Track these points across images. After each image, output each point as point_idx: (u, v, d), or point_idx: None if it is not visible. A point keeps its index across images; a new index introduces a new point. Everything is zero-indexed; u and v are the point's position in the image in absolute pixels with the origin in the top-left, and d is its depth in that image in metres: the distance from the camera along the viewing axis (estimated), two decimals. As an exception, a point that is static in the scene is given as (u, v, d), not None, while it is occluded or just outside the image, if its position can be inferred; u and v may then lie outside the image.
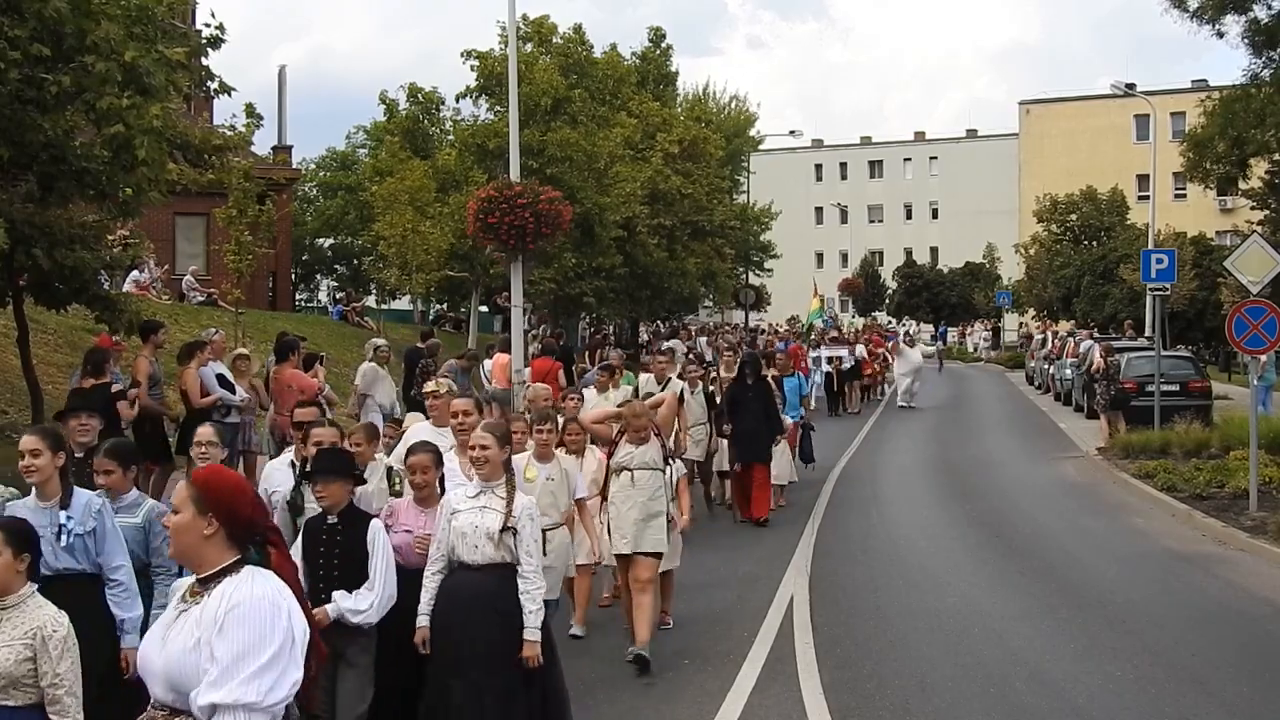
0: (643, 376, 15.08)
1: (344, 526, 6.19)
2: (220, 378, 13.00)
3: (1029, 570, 12.30)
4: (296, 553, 5.99)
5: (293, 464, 7.36)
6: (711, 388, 15.15)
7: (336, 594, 6.01)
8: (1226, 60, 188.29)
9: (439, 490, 6.74)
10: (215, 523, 3.61)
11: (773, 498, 15.12)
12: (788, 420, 16.14)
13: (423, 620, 6.25)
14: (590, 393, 13.29)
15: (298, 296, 48.66)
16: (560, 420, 9.29)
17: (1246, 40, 23.59)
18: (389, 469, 7.59)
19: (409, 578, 6.34)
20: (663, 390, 13.65)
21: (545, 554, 7.42)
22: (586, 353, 28.36)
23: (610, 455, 9.02)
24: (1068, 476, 19.33)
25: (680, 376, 14.81)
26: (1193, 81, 60.80)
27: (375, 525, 6.24)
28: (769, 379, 15.59)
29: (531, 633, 6.16)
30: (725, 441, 14.70)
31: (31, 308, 15.11)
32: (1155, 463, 18.07)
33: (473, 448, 6.43)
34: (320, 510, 6.31)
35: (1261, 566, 12.53)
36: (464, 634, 6.13)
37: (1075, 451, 22.04)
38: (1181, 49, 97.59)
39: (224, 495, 3.67)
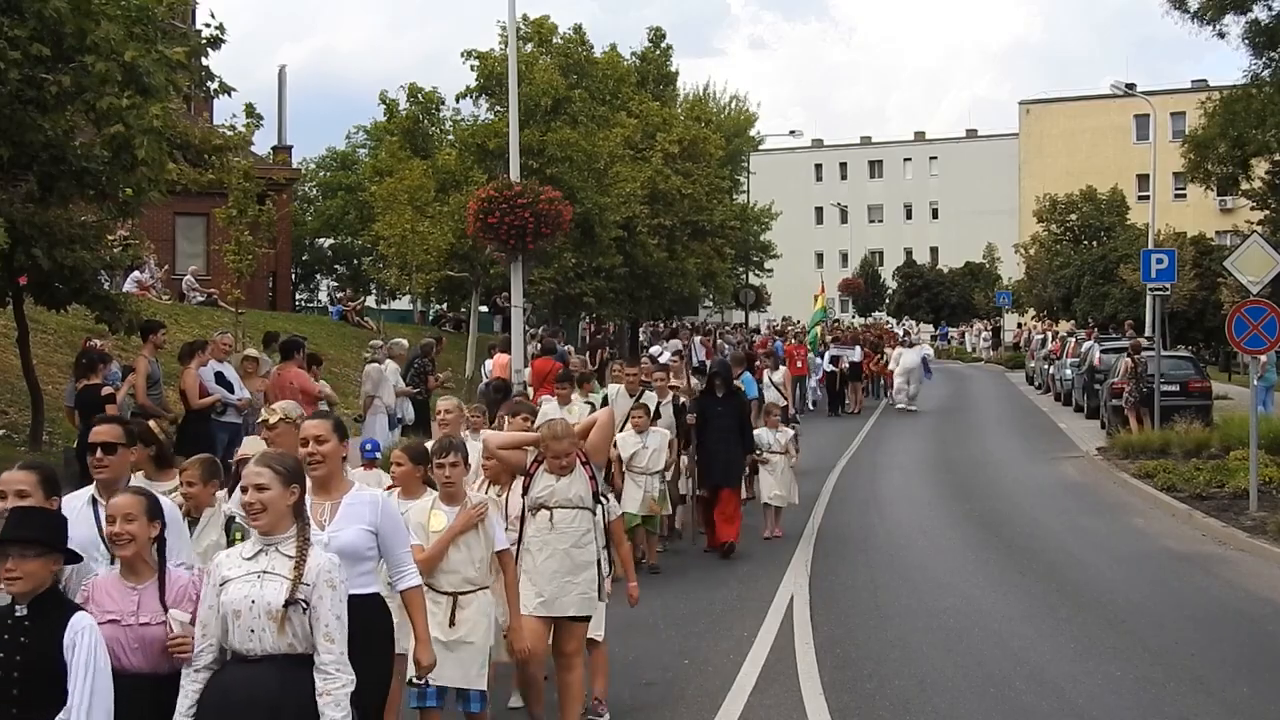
0: (612, 387, 13.05)
1: (33, 621, 4.30)
2: (219, 376, 12.99)
3: (1029, 570, 12.30)
4: None
5: (94, 500, 5.42)
6: (683, 399, 13.19)
7: None
8: (1227, 61, 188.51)
9: (152, 557, 4.75)
10: None
11: (773, 523, 13.83)
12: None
13: None
14: (551, 406, 11.37)
15: (298, 296, 48.67)
16: (470, 448, 7.34)
17: (1247, 41, 23.63)
18: (229, 519, 5.87)
19: (125, 687, 4.46)
20: (636, 403, 11.89)
21: (454, 624, 6.27)
22: (587, 353, 28.35)
23: (525, 490, 7.01)
24: (1068, 476, 19.33)
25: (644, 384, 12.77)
26: (1193, 82, 60.84)
27: (78, 622, 4.34)
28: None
29: None
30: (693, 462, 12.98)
31: (31, 308, 15.12)
32: (1155, 463, 18.05)
33: (244, 488, 4.68)
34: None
35: (1261, 566, 12.52)
36: None
37: (1075, 451, 22.04)
38: (1182, 49, 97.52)
39: None
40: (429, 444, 7.11)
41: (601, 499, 7.14)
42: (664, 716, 7.85)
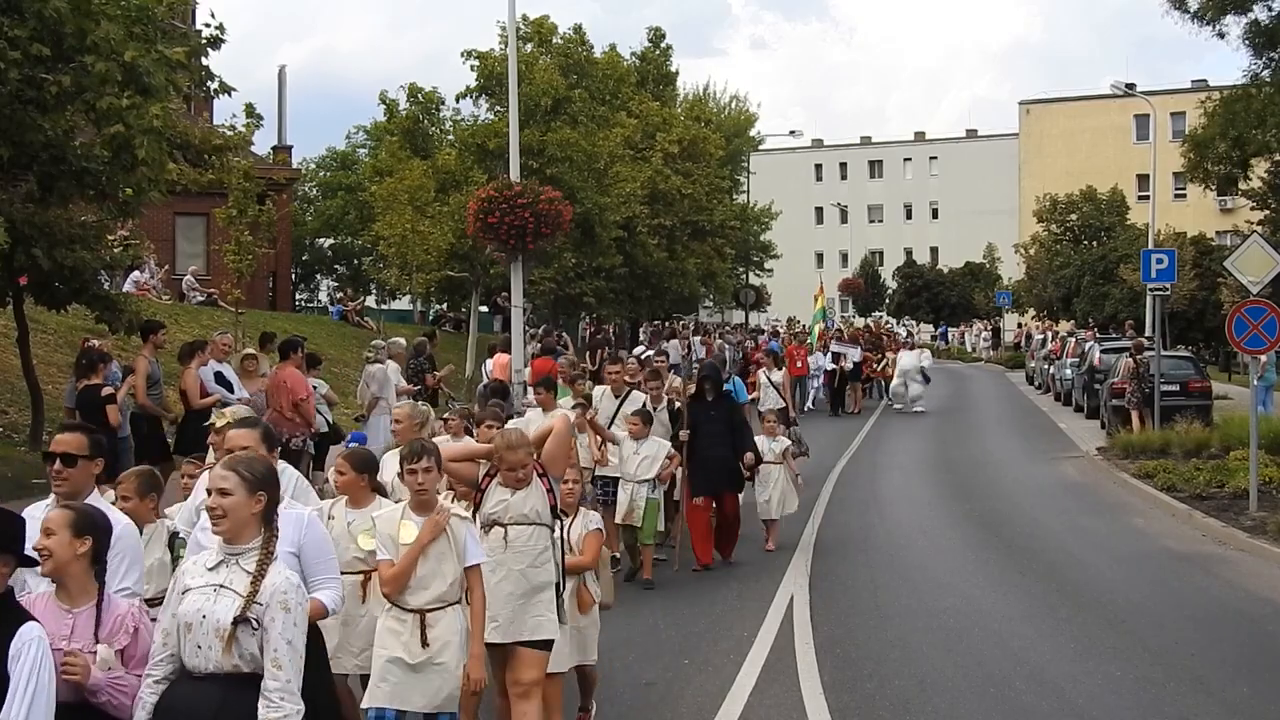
0: (597, 389, 12.38)
1: None
2: (219, 376, 12.99)
3: (1029, 570, 12.30)
4: None
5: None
6: (678, 404, 12.28)
7: None
8: (1227, 61, 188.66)
9: (89, 580, 4.45)
10: None
11: (772, 535, 13.15)
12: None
13: None
14: (534, 413, 10.57)
15: (298, 296, 48.70)
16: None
17: (1247, 41, 23.62)
18: (173, 535, 5.67)
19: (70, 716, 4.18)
20: (621, 405, 11.26)
21: (426, 644, 5.72)
22: (587, 353, 28.36)
23: (476, 506, 6.40)
24: (1068, 476, 19.33)
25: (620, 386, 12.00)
26: (1193, 82, 60.87)
27: (27, 633, 4.01)
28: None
29: None
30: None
31: (31, 308, 15.13)
32: (1155, 463, 18.05)
33: (209, 491, 4.46)
34: None
35: (1261, 566, 12.52)
36: None
37: (1075, 451, 22.04)
38: (1182, 49, 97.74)
39: None
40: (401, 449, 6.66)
41: (561, 515, 6.63)
42: (664, 716, 7.85)
